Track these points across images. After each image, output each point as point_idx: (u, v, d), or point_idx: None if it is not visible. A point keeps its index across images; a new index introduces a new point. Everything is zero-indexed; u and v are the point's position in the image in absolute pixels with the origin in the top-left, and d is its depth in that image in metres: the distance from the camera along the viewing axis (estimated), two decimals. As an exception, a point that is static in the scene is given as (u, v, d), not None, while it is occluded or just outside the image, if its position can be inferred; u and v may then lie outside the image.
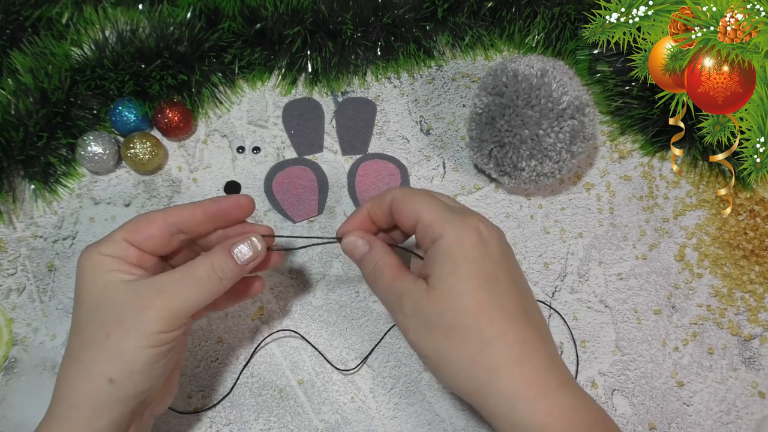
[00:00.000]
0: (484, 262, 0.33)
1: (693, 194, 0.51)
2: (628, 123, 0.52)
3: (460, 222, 0.33)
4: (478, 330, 0.32)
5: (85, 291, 0.34)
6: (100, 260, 0.34)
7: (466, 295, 0.32)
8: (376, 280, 0.36)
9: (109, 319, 0.33)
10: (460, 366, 0.32)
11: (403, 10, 0.52)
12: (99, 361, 0.33)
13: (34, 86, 0.47)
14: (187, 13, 0.50)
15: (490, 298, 0.32)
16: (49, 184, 0.49)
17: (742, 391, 0.45)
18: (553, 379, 0.32)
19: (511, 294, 0.33)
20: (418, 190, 0.36)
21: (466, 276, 0.32)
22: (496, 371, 0.32)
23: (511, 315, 0.33)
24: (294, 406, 0.44)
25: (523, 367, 0.32)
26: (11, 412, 0.42)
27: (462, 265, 0.33)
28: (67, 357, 0.34)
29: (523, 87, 0.45)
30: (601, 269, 0.49)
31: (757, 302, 0.48)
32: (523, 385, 0.32)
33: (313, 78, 0.54)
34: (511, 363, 0.32)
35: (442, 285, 0.33)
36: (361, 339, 0.46)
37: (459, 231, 0.33)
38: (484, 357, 0.32)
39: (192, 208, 0.36)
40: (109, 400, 0.33)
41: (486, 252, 0.33)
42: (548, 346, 0.34)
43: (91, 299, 0.33)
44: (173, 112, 0.50)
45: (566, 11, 0.53)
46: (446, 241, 0.33)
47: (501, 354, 0.32)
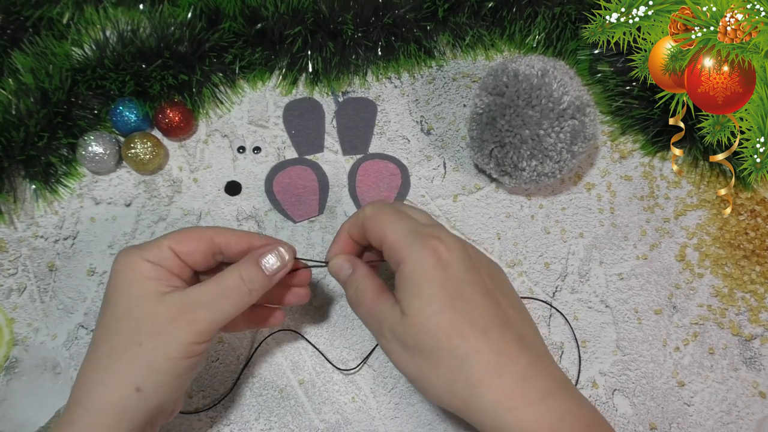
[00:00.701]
0: (446, 282, 0.33)
1: (694, 194, 0.51)
2: (629, 123, 0.52)
3: (419, 245, 0.33)
4: (452, 349, 0.32)
5: (120, 295, 0.34)
6: (141, 266, 0.34)
7: (434, 316, 0.32)
8: (357, 304, 0.37)
9: (142, 328, 0.33)
10: (441, 385, 0.33)
11: (404, 10, 0.52)
12: (128, 370, 0.33)
13: (35, 86, 0.47)
14: (187, 13, 0.50)
15: (457, 316, 0.32)
16: (49, 184, 0.49)
17: (743, 392, 0.45)
18: (536, 387, 0.32)
19: (481, 306, 0.33)
20: (388, 209, 0.36)
21: (430, 298, 0.33)
22: (477, 386, 0.32)
23: (482, 328, 0.33)
24: (295, 406, 0.44)
25: (502, 379, 0.32)
26: (12, 412, 0.42)
27: (425, 288, 0.33)
28: (92, 362, 0.34)
29: (524, 87, 0.45)
30: (601, 269, 0.49)
31: (757, 302, 0.48)
32: (505, 396, 0.32)
33: (314, 78, 0.54)
34: (489, 377, 0.32)
35: (411, 309, 0.33)
36: (361, 339, 0.46)
37: (418, 254, 0.33)
38: (463, 374, 0.32)
39: (239, 239, 0.37)
40: (133, 409, 0.33)
41: (447, 272, 0.33)
42: (530, 352, 0.34)
43: (126, 305, 0.34)
44: (174, 112, 0.50)
45: (567, 11, 0.53)
46: (408, 266, 0.33)
47: (478, 369, 0.32)
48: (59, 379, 0.43)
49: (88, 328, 0.46)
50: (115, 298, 0.34)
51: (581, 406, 0.34)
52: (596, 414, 0.34)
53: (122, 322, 0.33)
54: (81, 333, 0.46)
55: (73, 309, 0.46)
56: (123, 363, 0.33)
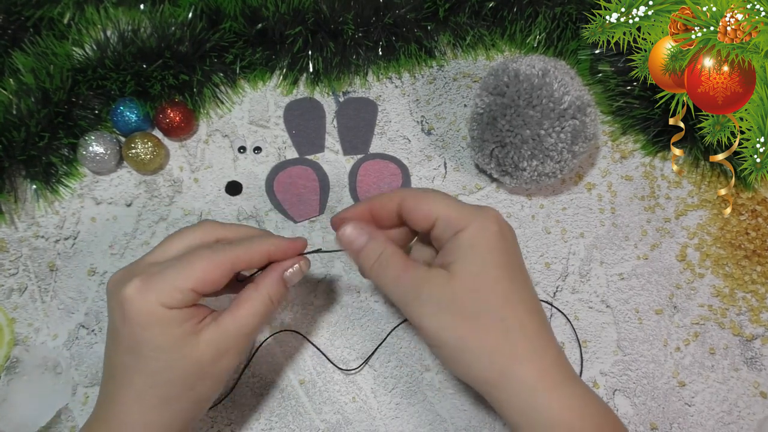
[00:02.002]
0: (507, 252, 0.34)
1: (694, 194, 0.51)
2: (630, 123, 0.52)
3: (482, 214, 0.34)
4: (502, 317, 0.32)
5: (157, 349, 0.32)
6: (169, 317, 0.32)
7: (491, 281, 0.33)
8: (382, 271, 0.35)
9: (191, 374, 0.33)
10: (480, 353, 0.33)
11: (405, 10, 0.52)
12: (184, 410, 0.34)
13: (35, 86, 0.47)
14: (188, 13, 0.50)
15: (513, 288, 0.33)
16: (50, 184, 0.49)
17: (744, 392, 0.45)
18: (565, 373, 0.33)
19: (528, 286, 0.35)
20: (429, 190, 0.37)
21: (491, 264, 0.33)
22: (518, 360, 0.32)
23: (529, 307, 0.34)
24: (295, 406, 0.44)
25: (542, 359, 0.32)
26: (13, 411, 0.42)
27: (487, 253, 0.33)
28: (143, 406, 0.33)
29: (525, 87, 0.45)
30: (602, 269, 0.49)
31: (758, 302, 0.48)
32: (540, 376, 0.32)
33: (315, 78, 0.54)
34: (530, 353, 0.32)
35: (467, 272, 0.33)
36: (362, 339, 0.46)
37: (482, 222, 0.34)
38: (507, 345, 0.32)
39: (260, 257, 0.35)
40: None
41: (507, 244, 0.34)
42: (557, 342, 0.35)
43: (166, 357, 0.32)
44: (174, 112, 0.50)
45: (568, 11, 0.53)
46: (470, 232, 0.34)
47: (522, 343, 0.32)
48: (60, 379, 0.43)
49: (88, 328, 0.46)
50: (149, 351, 0.32)
51: (596, 396, 0.35)
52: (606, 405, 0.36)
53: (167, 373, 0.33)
54: (82, 333, 0.46)
55: (74, 309, 0.46)
56: (178, 405, 0.34)
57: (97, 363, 0.45)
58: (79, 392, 0.44)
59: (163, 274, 0.32)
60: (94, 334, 0.46)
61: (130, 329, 0.32)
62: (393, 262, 0.35)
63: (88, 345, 0.45)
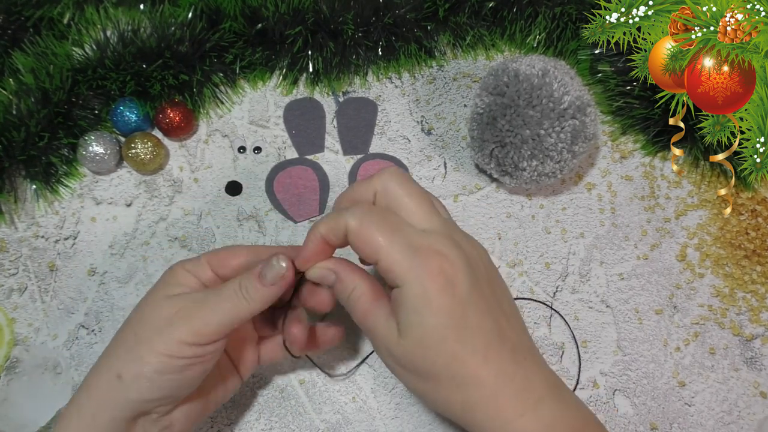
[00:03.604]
0: (452, 308, 0.31)
1: (694, 194, 0.51)
2: (630, 123, 0.52)
3: (422, 267, 0.31)
4: (450, 377, 0.32)
5: (148, 294, 0.36)
6: (177, 272, 0.36)
7: (435, 346, 0.32)
8: (351, 311, 0.35)
9: (144, 323, 0.34)
10: (438, 403, 0.34)
11: (404, 10, 0.52)
12: (117, 358, 0.34)
13: (35, 86, 0.47)
14: (188, 13, 0.50)
15: (460, 347, 0.32)
16: (50, 184, 0.49)
17: (744, 392, 0.45)
18: (530, 399, 0.32)
19: (483, 329, 0.32)
20: (375, 218, 0.33)
21: (434, 328, 0.31)
22: (474, 408, 0.32)
23: (482, 354, 0.32)
24: (295, 405, 0.44)
25: (498, 399, 0.32)
26: (13, 411, 0.42)
27: (428, 316, 0.31)
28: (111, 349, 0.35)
29: (525, 87, 0.45)
30: (602, 269, 0.49)
31: (758, 302, 0.48)
32: (501, 413, 0.32)
33: (315, 78, 0.54)
34: (486, 399, 0.32)
35: (410, 335, 0.32)
36: (362, 339, 0.46)
37: (422, 279, 0.31)
38: (460, 397, 0.32)
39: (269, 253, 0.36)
40: (112, 397, 0.33)
41: (453, 295, 0.31)
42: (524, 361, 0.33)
43: (143, 303, 0.36)
44: (174, 112, 0.50)
45: (567, 11, 0.53)
46: (410, 291, 0.31)
47: (476, 393, 0.32)
48: (60, 379, 0.43)
49: (88, 328, 0.46)
50: (144, 296, 0.36)
51: (573, 409, 0.34)
52: (588, 415, 0.35)
53: (132, 316, 0.35)
54: (82, 333, 0.46)
55: (74, 309, 0.46)
56: (116, 352, 0.34)
57: (97, 363, 0.45)
58: (79, 392, 0.44)
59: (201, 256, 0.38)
60: (94, 334, 0.46)
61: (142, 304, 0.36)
62: (357, 305, 0.34)
63: (88, 345, 0.45)
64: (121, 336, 0.35)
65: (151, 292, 0.36)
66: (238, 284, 0.35)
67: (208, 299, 0.35)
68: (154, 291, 0.36)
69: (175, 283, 0.36)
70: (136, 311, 0.36)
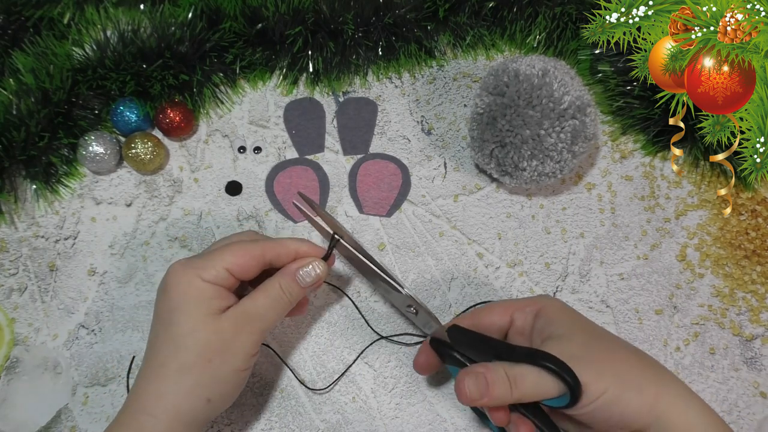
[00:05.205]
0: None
1: (694, 194, 0.51)
2: (630, 123, 0.52)
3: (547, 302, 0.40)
4: None
5: (182, 314, 0.36)
6: (201, 286, 0.37)
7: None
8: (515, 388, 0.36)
9: (210, 345, 0.36)
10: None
11: (405, 10, 0.52)
12: (200, 384, 0.36)
13: (35, 86, 0.47)
14: (188, 13, 0.50)
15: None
16: (50, 184, 0.49)
17: (744, 392, 0.45)
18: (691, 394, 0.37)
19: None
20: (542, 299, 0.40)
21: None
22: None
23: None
24: (295, 405, 0.44)
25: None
26: (13, 411, 0.42)
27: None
28: (159, 375, 0.36)
29: (525, 87, 0.45)
30: (602, 269, 0.49)
31: (758, 302, 0.48)
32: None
33: (315, 78, 0.54)
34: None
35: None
36: (362, 339, 0.46)
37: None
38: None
39: (287, 252, 0.39)
40: (201, 418, 0.37)
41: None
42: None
43: (191, 324, 0.36)
44: (174, 112, 0.50)
45: (567, 11, 0.53)
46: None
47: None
48: (60, 379, 0.43)
49: (88, 328, 0.46)
50: (178, 317, 0.36)
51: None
52: None
53: (188, 339, 0.36)
54: (82, 333, 0.46)
55: (74, 309, 0.46)
56: (194, 377, 0.36)
57: (96, 363, 0.45)
58: (78, 392, 0.44)
59: (203, 256, 0.38)
60: (94, 334, 0.46)
61: (168, 298, 0.37)
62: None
63: (88, 345, 0.45)
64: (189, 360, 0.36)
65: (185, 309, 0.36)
66: (281, 288, 0.38)
67: (261, 309, 0.37)
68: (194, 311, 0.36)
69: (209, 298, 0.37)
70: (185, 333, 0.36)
